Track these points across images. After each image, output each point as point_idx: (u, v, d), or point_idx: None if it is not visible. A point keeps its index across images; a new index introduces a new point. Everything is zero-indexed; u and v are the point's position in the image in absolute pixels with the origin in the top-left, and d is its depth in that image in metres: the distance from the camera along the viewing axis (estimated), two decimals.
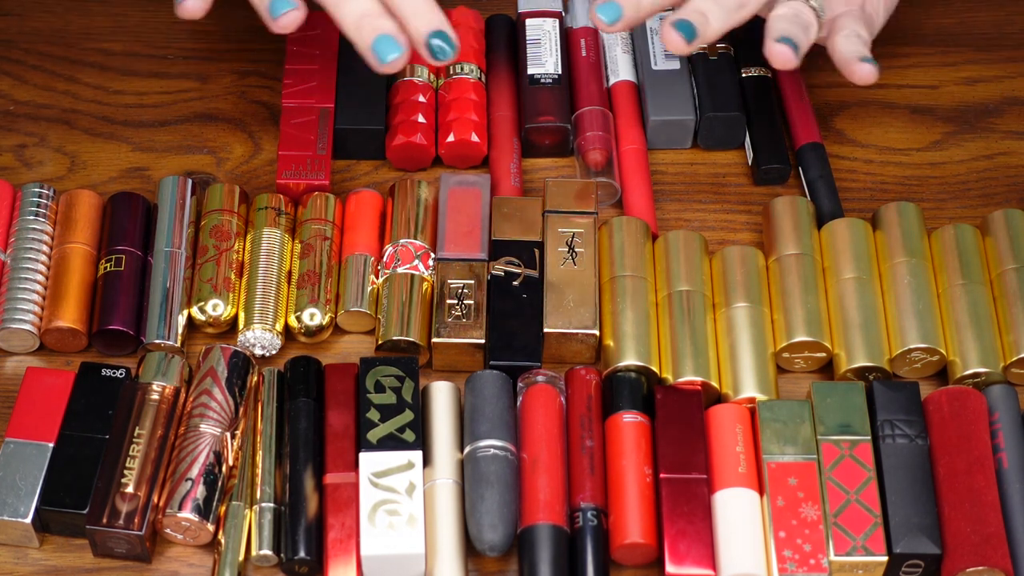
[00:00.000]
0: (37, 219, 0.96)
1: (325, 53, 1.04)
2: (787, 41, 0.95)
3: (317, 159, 1.00)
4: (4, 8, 1.10)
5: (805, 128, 1.03)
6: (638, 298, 0.94)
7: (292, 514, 0.86)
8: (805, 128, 1.03)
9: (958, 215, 1.01)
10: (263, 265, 0.95)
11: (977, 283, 0.94)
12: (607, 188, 1.00)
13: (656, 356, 0.92)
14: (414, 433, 0.88)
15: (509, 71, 1.05)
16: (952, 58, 1.09)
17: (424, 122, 1.02)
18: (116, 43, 1.09)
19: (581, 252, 0.95)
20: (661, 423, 0.89)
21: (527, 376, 0.91)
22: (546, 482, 0.87)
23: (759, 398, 0.90)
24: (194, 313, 0.94)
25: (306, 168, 0.99)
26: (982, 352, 0.92)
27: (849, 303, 0.94)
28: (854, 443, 0.88)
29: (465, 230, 0.97)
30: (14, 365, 0.94)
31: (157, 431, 0.88)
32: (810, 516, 0.86)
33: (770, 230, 0.97)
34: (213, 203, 0.97)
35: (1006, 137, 1.05)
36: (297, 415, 0.89)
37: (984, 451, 0.88)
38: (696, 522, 0.86)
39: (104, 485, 0.86)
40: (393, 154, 1.02)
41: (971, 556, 0.84)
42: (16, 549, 0.87)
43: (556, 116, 1.03)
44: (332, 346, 0.95)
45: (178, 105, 1.06)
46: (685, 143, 1.04)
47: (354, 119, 1.02)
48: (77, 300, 0.93)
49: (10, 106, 1.05)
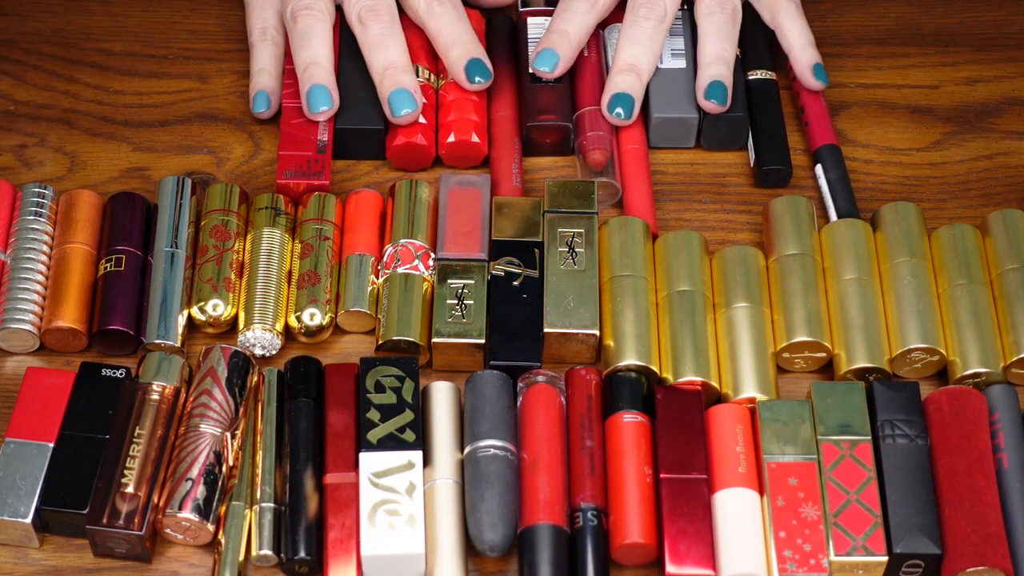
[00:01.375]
0: (37, 219, 0.96)
1: None
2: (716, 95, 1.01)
3: (317, 159, 1.00)
4: (4, 8, 1.10)
5: (822, 129, 1.03)
6: (638, 298, 0.94)
7: (292, 514, 0.86)
8: (822, 129, 1.03)
9: (958, 215, 1.01)
10: (263, 265, 0.95)
11: (977, 283, 0.94)
12: (608, 188, 1.00)
13: (656, 356, 0.92)
14: (414, 433, 0.88)
15: (510, 71, 1.05)
16: (952, 58, 1.09)
17: (424, 122, 1.02)
18: (116, 43, 1.09)
19: (581, 252, 0.95)
20: (661, 423, 0.89)
21: (527, 376, 0.91)
22: (546, 482, 0.87)
23: (759, 398, 0.90)
24: (194, 313, 0.94)
25: (306, 168, 0.99)
26: (982, 352, 0.92)
27: (849, 304, 0.94)
28: (854, 443, 0.88)
29: (465, 230, 0.97)
30: (14, 365, 0.94)
31: (157, 431, 0.88)
32: (810, 516, 0.86)
33: (770, 230, 0.97)
34: (213, 203, 0.97)
35: (1006, 137, 1.05)
36: (297, 415, 0.89)
37: (984, 451, 0.88)
38: (696, 522, 0.86)
39: (104, 485, 0.86)
40: (393, 154, 1.02)
41: (971, 556, 0.84)
42: (16, 549, 0.87)
43: (557, 115, 1.03)
44: (332, 346, 0.95)
45: (178, 105, 1.06)
46: (688, 142, 1.04)
47: (354, 119, 1.02)
48: (77, 300, 0.93)
49: (10, 106, 1.05)
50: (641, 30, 1.02)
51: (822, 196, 1.01)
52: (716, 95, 1.00)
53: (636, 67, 1.01)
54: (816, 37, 1.06)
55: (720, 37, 1.02)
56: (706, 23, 1.02)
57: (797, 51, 1.03)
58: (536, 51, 1.03)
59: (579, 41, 1.03)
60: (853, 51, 1.09)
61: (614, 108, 1.01)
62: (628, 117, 1.01)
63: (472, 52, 1.02)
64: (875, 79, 1.08)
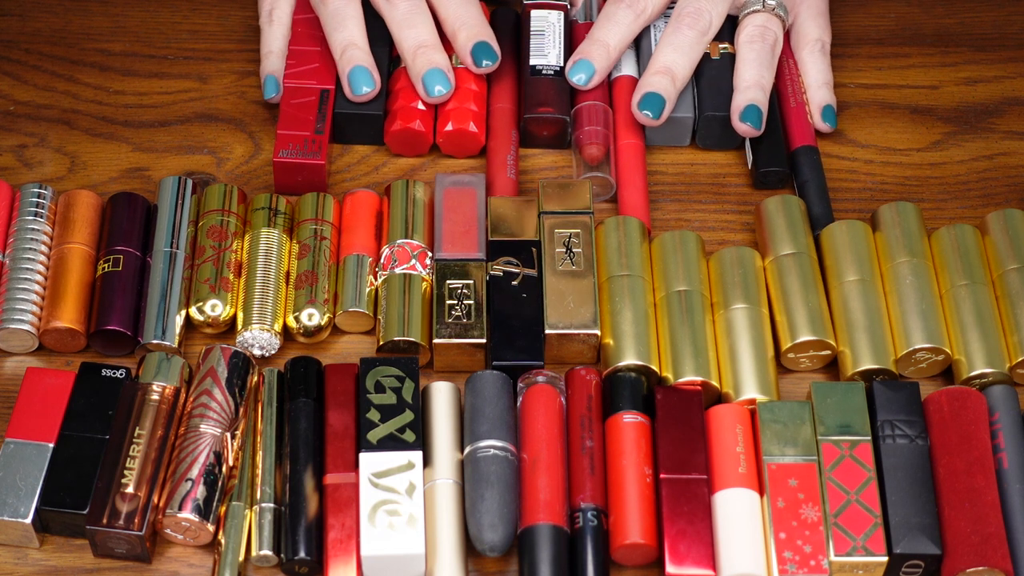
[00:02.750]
0: (36, 219, 0.96)
1: None
2: (752, 118, 1.01)
3: (315, 139, 1.00)
4: (4, 8, 1.10)
5: (800, 131, 1.03)
6: (636, 298, 0.94)
7: (292, 514, 0.86)
8: (800, 131, 1.03)
9: (958, 215, 1.01)
10: (261, 265, 0.95)
11: (980, 284, 0.94)
12: (602, 183, 1.00)
13: (656, 355, 0.92)
14: (414, 433, 0.88)
15: (511, 64, 1.05)
16: (952, 58, 1.09)
17: (423, 109, 1.02)
18: (116, 43, 1.08)
19: (579, 252, 0.95)
20: (661, 423, 0.89)
21: (527, 376, 0.91)
22: (546, 482, 0.87)
23: (760, 399, 0.90)
24: (192, 313, 0.94)
25: (303, 148, 1.00)
26: (988, 353, 0.92)
27: (853, 306, 0.94)
28: (854, 443, 0.88)
29: (462, 230, 0.97)
30: (14, 365, 0.94)
31: (157, 431, 0.88)
32: (810, 517, 0.86)
33: (764, 231, 0.97)
34: (211, 203, 0.97)
35: (1006, 137, 1.05)
36: (297, 415, 0.89)
37: (984, 451, 0.88)
38: (696, 522, 0.86)
39: (104, 485, 0.86)
40: (391, 139, 1.02)
41: (971, 556, 0.84)
42: (16, 549, 0.87)
43: (556, 108, 1.03)
44: (331, 346, 0.95)
45: (178, 105, 1.06)
46: (683, 141, 1.04)
47: (353, 104, 1.02)
48: (76, 300, 0.93)
49: (10, 106, 1.05)
50: (684, 37, 1.01)
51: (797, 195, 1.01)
52: (751, 118, 1.00)
53: (672, 71, 1.01)
54: None
55: (760, 64, 1.01)
56: (746, 50, 1.02)
57: (812, 90, 1.04)
58: (573, 60, 1.02)
59: (618, 54, 1.03)
60: (853, 51, 1.09)
61: (644, 107, 1.00)
62: (657, 117, 1.01)
63: (480, 35, 1.02)
64: (875, 79, 1.08)
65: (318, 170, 0.99)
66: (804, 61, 1.05)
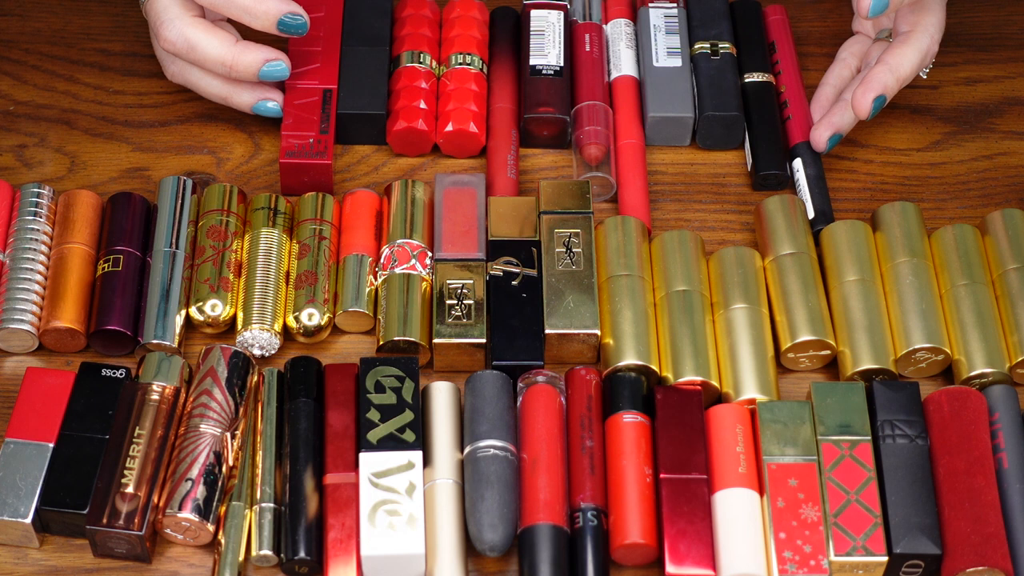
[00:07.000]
0: (36, 219, 0.96)
1: (328, 34, 1.04)
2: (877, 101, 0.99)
3: (320, 139, 1.00)
4: (4, 8, 1.10)
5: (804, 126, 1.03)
6: (636, 297, 0.94)
7: (292, 514, 0.86)
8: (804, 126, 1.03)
9: (958, 215, 1.01)
10: (261, 265, 0.95)
11: (980, 284, 0.94)
12: (602, 183, 1.00)
13: (656, 355, 0.92)
14: (414, 433, 0.88)
15: (511, 64, 1.05)
16: (952, 58, 1.09)
17: (426, 108, 1.02)
18: (116, 43, 1.09)
19: (579, 252, 0.95)
20: (661, 423, 0.89)
21: (527, 376, 0.91)
22: (546, 482, 0.87)
23: (759, 399, 0.90)
24: (192, 313, 0.94)
25: (309, 149, 1.00)
26: (988, 353, 0.92)
27: (853, 306, 0.94)
28: (854, 443, 0.88)
29: (462, 230, 0.97)
30: (14, 365, 0.94)
31: (157, 431, 0.88)
32: (810, 517, 0.86)
33: (764, 231, 0.97)
34: (211, 203, 0.97)
35: (1006, 137, 1.05)
36: (297, 415, 0.89)
37: (984, 451, 0.88)
38: (696, 522, 0.86)
39: (104, 485, 0.86)
40: (394, 139, 1.02)
41: (971, 556, 0.84)
42: (16, 549, 0.87)
43: (556, 107, 1.03)
44: (331, 346, 0.95)
45: (178, 105, 1.06)
46: (683, 141, 1.04)
47: (355, 104, 1.02)
48: (75, 300, 0.93)
49: (10, 106, 1.05)
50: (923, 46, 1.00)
51: (798, 191, 1.01)
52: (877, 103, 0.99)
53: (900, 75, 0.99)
54: (816, 37, 1.06)
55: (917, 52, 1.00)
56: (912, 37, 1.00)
57: (880, 69, 0.99)
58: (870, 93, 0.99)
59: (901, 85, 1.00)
60: None
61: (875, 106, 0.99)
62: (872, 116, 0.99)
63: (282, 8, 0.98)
64: None
65: (325, 170, 0.99)
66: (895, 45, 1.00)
